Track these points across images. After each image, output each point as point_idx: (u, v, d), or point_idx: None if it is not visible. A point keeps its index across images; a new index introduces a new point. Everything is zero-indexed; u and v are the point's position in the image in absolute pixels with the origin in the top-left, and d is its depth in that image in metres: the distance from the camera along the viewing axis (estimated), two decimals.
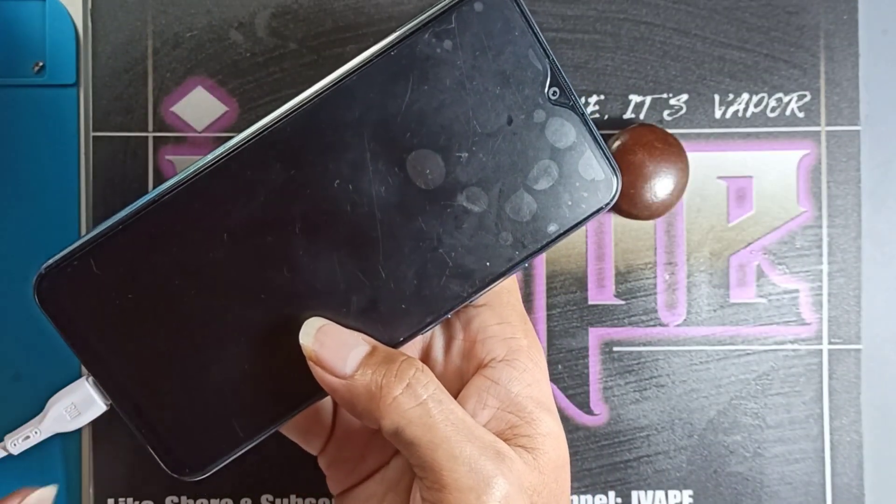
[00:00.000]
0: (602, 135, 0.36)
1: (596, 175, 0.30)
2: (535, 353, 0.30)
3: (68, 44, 0.37)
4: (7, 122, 0.37)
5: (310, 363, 0.28)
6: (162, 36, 0.37)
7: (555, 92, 0.30)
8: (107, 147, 0.37)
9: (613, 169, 0.30)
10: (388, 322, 0.30)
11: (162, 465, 0.30)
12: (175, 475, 0.30)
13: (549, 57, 0.30)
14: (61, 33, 0.37)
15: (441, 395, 0.27)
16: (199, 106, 0.37)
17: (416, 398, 0.27)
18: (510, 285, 0.31)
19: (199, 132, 0.37)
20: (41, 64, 0.37)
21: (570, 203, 0.30)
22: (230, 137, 0.37)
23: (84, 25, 0.37)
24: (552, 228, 0.30)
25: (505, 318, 0.30)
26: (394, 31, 0.30)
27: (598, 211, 0.30)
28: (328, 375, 0.28)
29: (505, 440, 0.28)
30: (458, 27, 0.30)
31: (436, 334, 0.32)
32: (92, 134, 0.37)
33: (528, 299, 0.37)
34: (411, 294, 0.30)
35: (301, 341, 0.28)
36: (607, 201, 0.30)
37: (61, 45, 0.37)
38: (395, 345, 0.30)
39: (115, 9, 0.37)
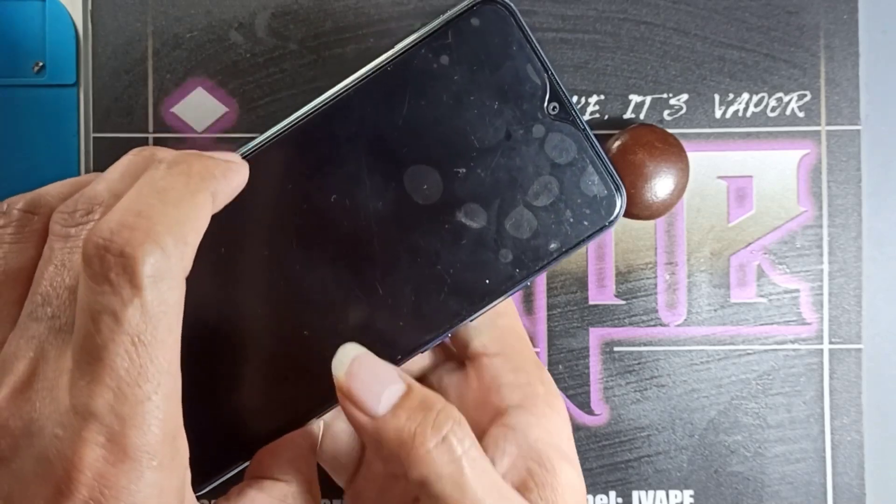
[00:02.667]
0: (602, 135, 0.36)
1: (598, 192, 0.30)
2: (552, 400, 0.29)
3: (68, 44, 0.37)
4: (7, 122, 0.37)
5: (339, 395, 0.26)
6: (162, 37, 0.37)
7: (554, 107, 0.30)
8: (107, 148, 0.37)
9: (617, 185, 0.30)
10: (385, 340, 0.29)
11: None
12: None
13: (548, 71, 0.30)
14: (61, 33, 0.37)
15: (475, 452, 0.26)
16: (199, 107, 0.37)
17: (450, 454, 0.25)
18: (520, 332, 0.30)
19: (199, 133, 0.37)
20: (41, 64, 0.37)
21: (571, 220, 0.30)
22: (229, 138, 0.37)
23: (84, 26, 0.37)
24: (553, 246, 0.30)
25: (519, 366, 0.29)
26: (391, 46, 0.30)
27: (601, 229, 0.30)
28: (358, 412, 0.26)
29: (525, 489, 0.27)
30: (455, 42, 0.29)
31: (448, 385, 0.31)
32: (92, 135, 0.37)
33: (528, 299, 0.37)
34: (409, 311, 0.29)
35: (333, 371, 0.27)
36: (611, 218, 0.30)
37: (61, 45, 0.37)
38: (395, 363, 0.29)
39: (116, 9, 0.37)
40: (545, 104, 0.30)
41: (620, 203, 0.30)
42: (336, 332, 0.29)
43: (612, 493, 0.37)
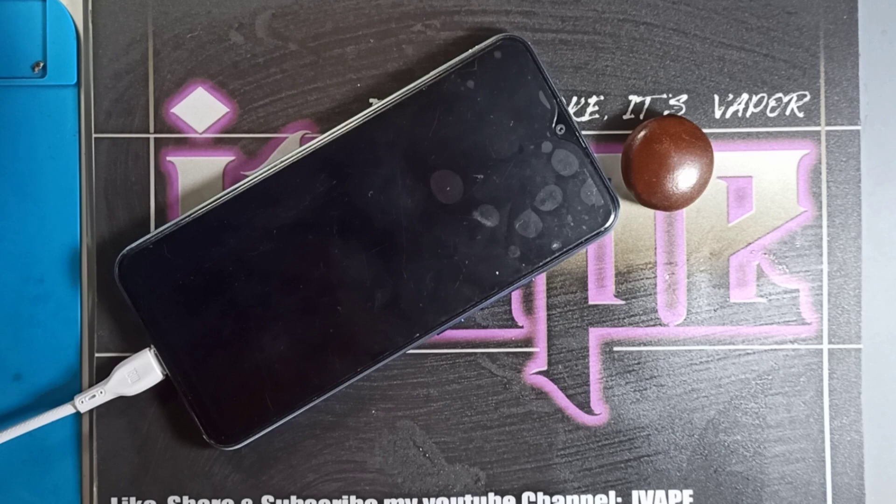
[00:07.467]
0: (602, 136, 0.37)
1: (596, 202, 0.34)
2: None
3: (69, 44, 0.37)
4: (7, 122, 0.37)
5: None
6: (162, 37, 0.37)
7: (561, 128, 0.34)
8: (108, 148, 0.37)
9: (613, 198, 0.34)
10: (406, 318, 0.34)
11: (204, 434, 0.34)
12: (214, 442, 0.35)
13: (556, 98, 0.34)
14: (61, 33, 0.37)
15: None
16: (199, 107, 0.37)
17: None
18: None
19: (200, 133, 0.37)
20: (41, 64, 0.37)
21: (572, 224, 0.34)
22: (230, 138, 0.37)
23: (84, 26, 0.37)
24: (555, 245, 0.34)
25: None
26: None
27: (597, 234, 0.34)
28: None
29: None
30: (480, 70, 0.34)
31: None
32: (94, 136, 0.37)
33: (528, 299, 0.37)
34: (428, 295, 0.34)
35: None
36: (606, 225, 0.34)
37: (61, 45, 0.37)
38: (411, 341, 0.34)
39: (116, 9, 0.37)
40: (553, 125, 0.34)
41: (615, 212, 0.34)
42: (364, 309, 0.34)
43: (612, 493, 0.37)
